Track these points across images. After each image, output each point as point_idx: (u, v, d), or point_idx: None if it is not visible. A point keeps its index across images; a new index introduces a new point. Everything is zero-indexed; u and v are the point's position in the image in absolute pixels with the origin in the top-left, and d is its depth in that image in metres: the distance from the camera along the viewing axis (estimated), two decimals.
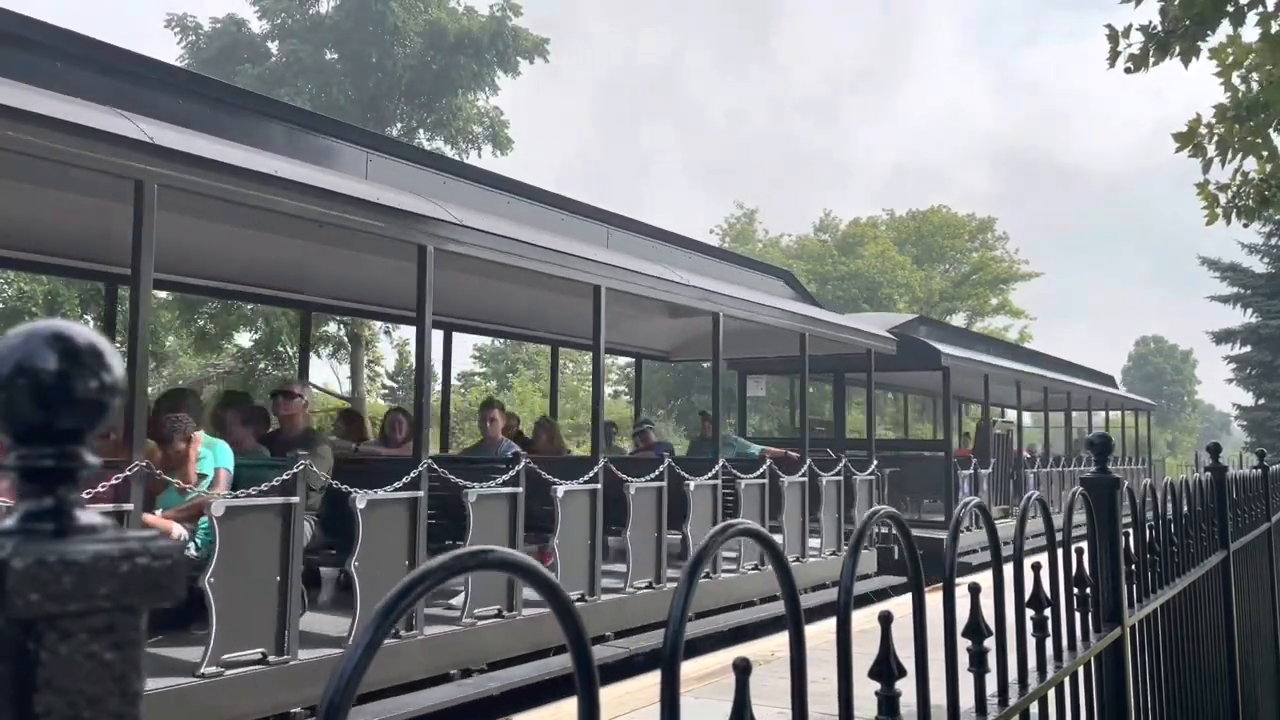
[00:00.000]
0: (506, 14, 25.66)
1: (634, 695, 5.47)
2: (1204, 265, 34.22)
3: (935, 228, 42.27)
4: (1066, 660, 2.05)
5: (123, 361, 0.56)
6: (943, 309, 38.64)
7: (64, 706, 0.49)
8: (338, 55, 25.51)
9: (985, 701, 1.66)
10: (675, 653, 0.99)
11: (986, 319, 41.56)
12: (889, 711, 1.36)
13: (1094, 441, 2.58)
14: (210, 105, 6.03)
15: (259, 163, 5.29)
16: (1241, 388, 34.89)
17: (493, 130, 26.38)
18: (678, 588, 1.01)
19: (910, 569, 1.52)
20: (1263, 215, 6.64)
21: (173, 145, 4.83)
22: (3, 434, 0.53)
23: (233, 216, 6.15)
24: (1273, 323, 32.49)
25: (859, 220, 43.55)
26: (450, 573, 0.73)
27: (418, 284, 6.21)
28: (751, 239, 41.70)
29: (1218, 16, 5.42)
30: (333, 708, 0.66)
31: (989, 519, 1.91)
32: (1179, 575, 3.15)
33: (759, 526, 1.15)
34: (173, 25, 25.23)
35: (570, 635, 0.81)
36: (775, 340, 11.10)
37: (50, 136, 4.34)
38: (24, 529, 0.51)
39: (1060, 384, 20.00)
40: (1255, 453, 5.66)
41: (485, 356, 48.11)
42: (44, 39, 5.23)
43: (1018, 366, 18.04)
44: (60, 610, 0.49)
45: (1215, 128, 5.89)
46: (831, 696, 1.25)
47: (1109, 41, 5.63)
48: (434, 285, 6.23)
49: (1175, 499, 3.22)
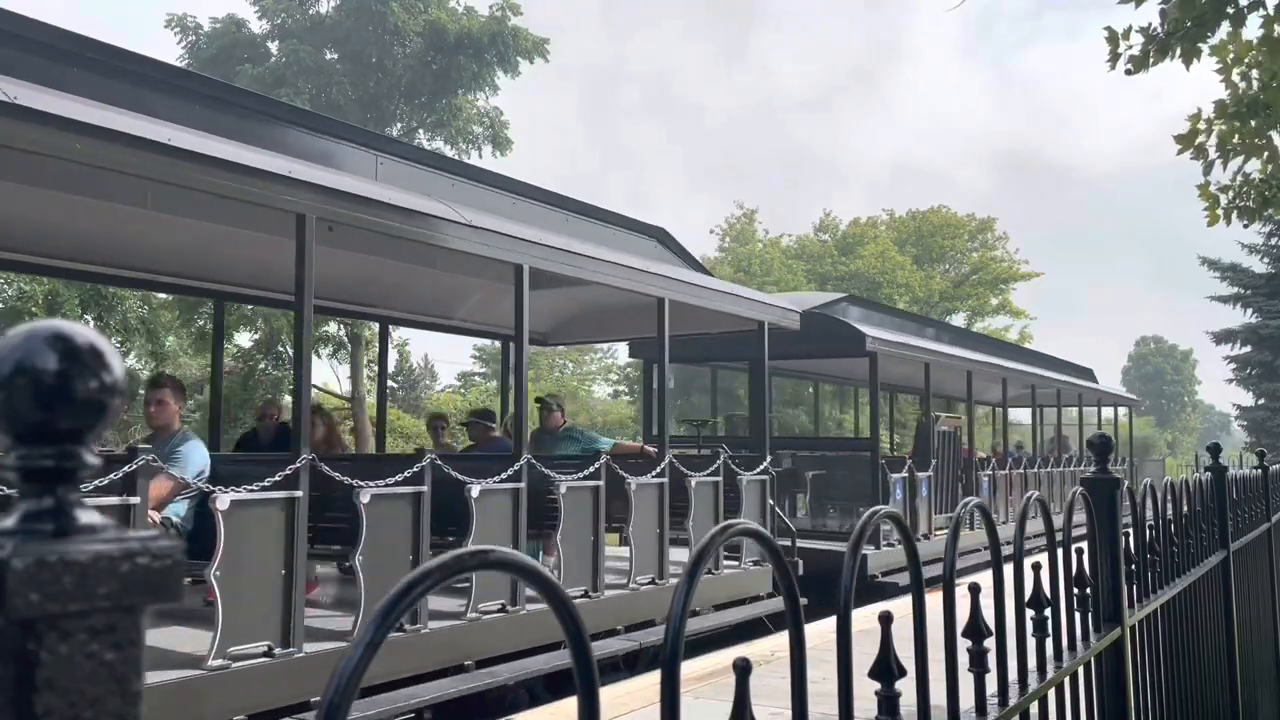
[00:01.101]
0: (506, 14, 25.68)
1: (634, 695, 5.47)
2: (1204, 265, 34.25)
3: (935, 228, 42.28)
4: (1066, 660, 2.05)
5: (123, 362, 0.56)
6: (943, 309, 38.66)
7: (64, 707, 0.49)
8: (338, 55, 25.52)
9: (985, 702, 1.66)
10: (675, 653, 0.99)
11: (987, 319, 41.57)
12: (889, 711, 1.36)
13: (1094, 442, 2.59)
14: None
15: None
16: (1241, 388, 34.93)
17: (492, 130, 26.39)
18: (677, 587, 1.01)
19: (910, 569, 1.52)
20: (1263, 216, 6.64)
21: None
22: (3, 434, 0.53)
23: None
24: (1273, 323, 32.50)
25: (859, 220, 43.56)
26: (450, 572, 0.74)
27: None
28: (752, 239, 41.71)
29: (1218, 18, 5.42)
30: (333, 707, 0.66)
31: (989, 519, 1.90)
32: (1179, 575, 3.15)
33: (759, 527, 1.15)
34: (172, 25, 25.25)
35: (570, 634, 0.81)
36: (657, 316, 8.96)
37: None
38: (24, 529, 0.51)
39: (1023, 375, 17.95)
40: (1255, 453, 5.66)
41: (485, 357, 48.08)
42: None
43: (967, 355, 15.82)
44: (60, 610, 0.49)
45: (1215, 123, 5.89)
46: (831, 696, 1.25)
47: (1108, 44, 5.63)
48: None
49: (1175, 499, 3.22)
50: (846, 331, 12.41)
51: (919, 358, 13.93)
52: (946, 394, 20.56)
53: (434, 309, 10.40)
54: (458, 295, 10.00)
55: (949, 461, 13.99)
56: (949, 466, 13.98)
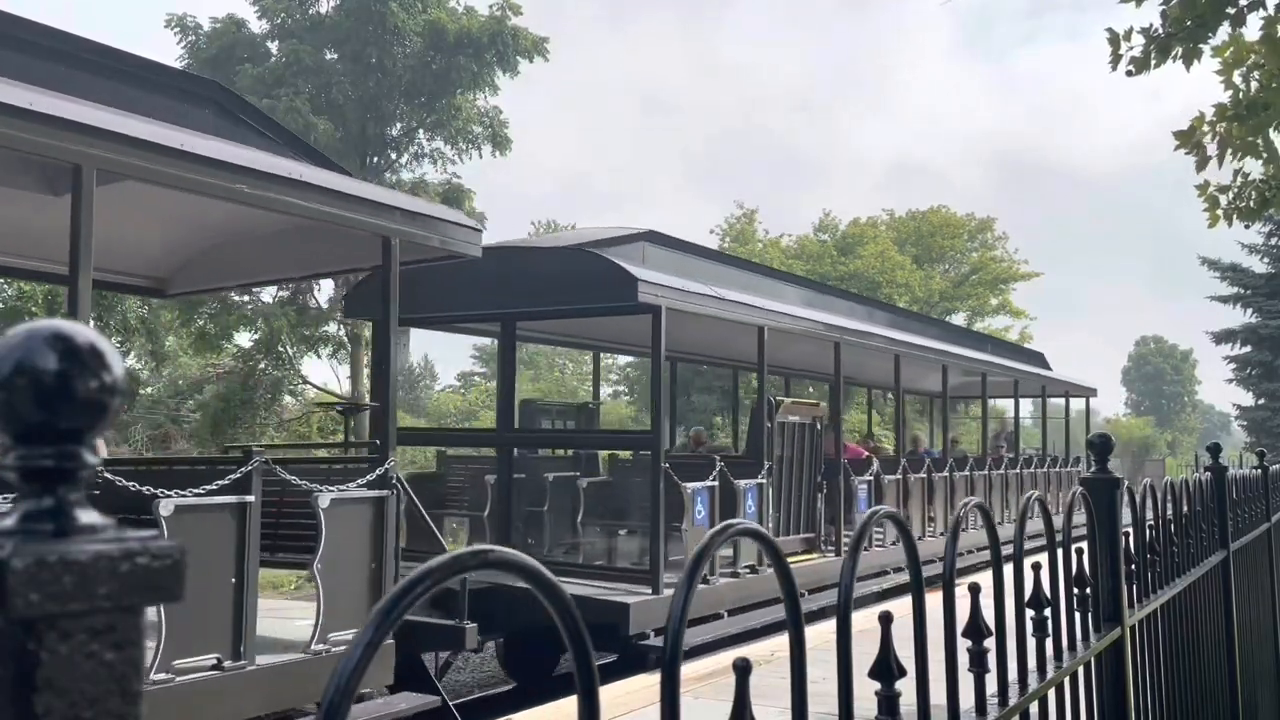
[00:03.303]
0: (506, 13, 25.67)
1: (634, 695, 5.47)
2: (1204, 265, 34.26)
3: (935, 228, 42.26)
4: (1066, 660, 2.05)
5: (123, 361, 0.56)
6: (943, 309, 38.65)
7: (64, 706, 0.49)
8: (338, 55, 25.50)
9: (985, 701, 1.66)
10: (675, 654, 0.99)
11: (987, 319, 41.57)
12: (889, 711, 1.36)
13: (1094, 442, 2.60)
14: None
15: None
16: (1241, 388, 34.93)
17: (492, 131, 26.39)
18: (676, 590, 1.01)
19: (910, 569, 1.52)
20: (1263, 216, 6.64)
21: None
22: (3, 434, 0.53)
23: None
24: (1273, 323, 32.50)
25: (858, 220, 43.54)
26: (450, 572, 0.74)
27: None
28: (752, 239, 41.70)
29: (1218, 18, 5.42)
30: (332, 707, 0.66)
31: (989, 519, 1.90)
32: (1179, 575, 3.15)
33: (759, 527, 1.15)
34: (172, 25, 25.23)
35: (570, 634, 0.81)
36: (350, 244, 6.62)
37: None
38: (24, 529, 0.51)
39: (923, 353, 13.99)
40: (1255, 453, 5.67)
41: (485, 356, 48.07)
42: None
43: (830, 320, 11.92)
44: (60, 610, 0.49)
45: (1216, 125, 5.89)
46: (831, 696, 1.25)
47: (1110, 45, 5.63)
48: None
49: (1175, 499, 3.22)
50: (613, 275, 8.41)
51: (750, 320, 9.96)
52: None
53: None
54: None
55: (802, 464, 10.63)
56: (801, 471, 10.60)
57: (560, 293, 9.07)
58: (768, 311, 10.35)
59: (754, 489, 9.50)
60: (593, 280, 8.75)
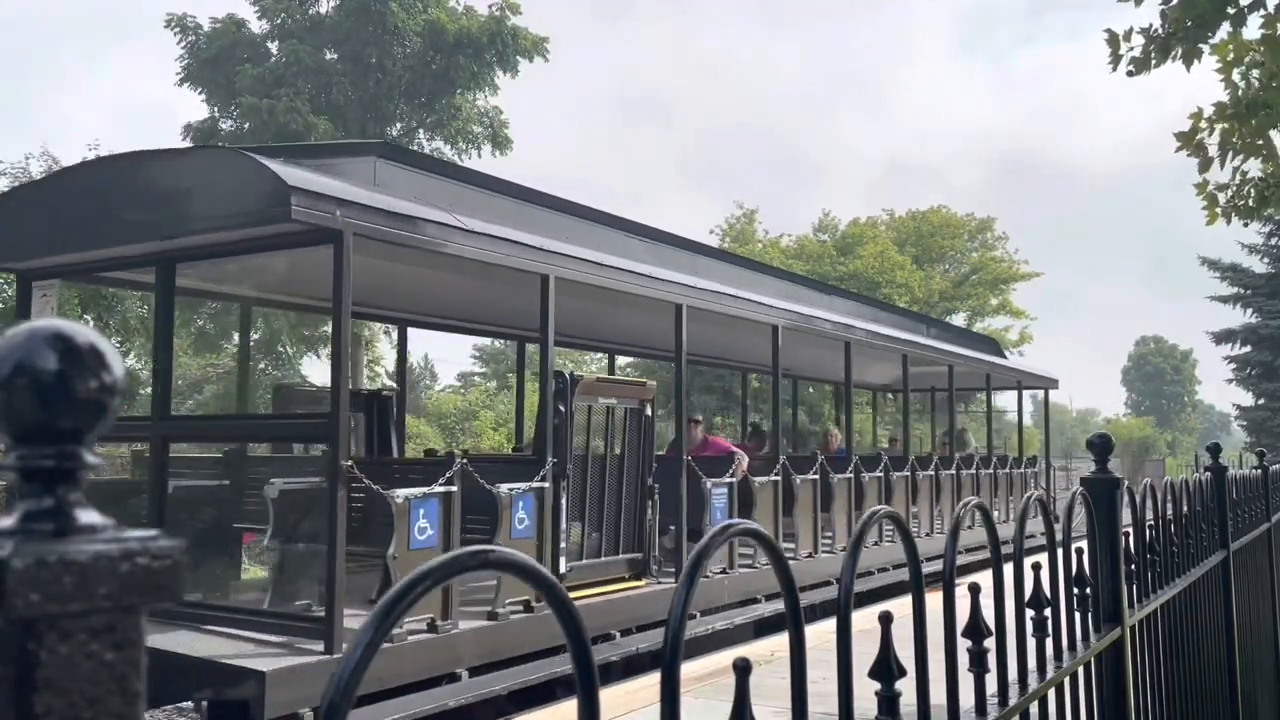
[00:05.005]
0: (505, 13, 25.68)
1: (634, 695, 5.47)
2: (1204, 265, 34.27)
3: (934, 228, 42.24)
4: (1066, 660, 2.05)
5: (123, 361, 0.56)
6: (942, 309, 38.63)
7: (64, 707, 0.49)
8: (338, 55, 25.51)
9: (985, 701, 1.66)
10: (675, 654, 0.99)
11: (987, 319, 41.54)
12: (889, 711, 1.36)
13: (1094, 442, 2.60)
14: None
15: None
16: (1241, 388, 34.93)
17: (492, 130, 26.40)
18: (676, 590, 1.01)
19: (911, 569, 1.52)
20: (1262, 215, 6.64)
21: None
22: (3, 434, 0.53)
23: None
24: (1273, 323, 32.50)
25: (858, 220, 43.53)
26: (450, 572, 0.74)
27: None
28: (752, 239, 41.69)
29: (1218, 18, 5.42)
30: (333, 707, 0.66)
31: (989, 519, 1.90)
32: (1179, 575, 3.15)
33: (759, 527, 1.15)
34: (172, 25, 25.23)
35: (570, 635, 0.81)
36: None
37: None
38: (24, 529, 0.51)
39: (823, 327, 11.44)
40: (1255, 453, 5.66)
41: (485, 357, 48.06)
42: None
43: (673, 277, 8.90)
44: (60, 610, 0.49)
45: (1216, 123, 5.89)
46: (831, 696, 1.25)
47: (1110, 45, 5.63)
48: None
49: (1175, 499, 3.22)
50: (254, 182, 5.70)
51: (533, 268, 7.28)
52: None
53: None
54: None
55: (622, 463, 8.19)
56: (621, 472, 8.15)
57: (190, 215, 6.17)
58: (555, 254, 7.46)
59: (528, 497, 7.00)
60: (234, 193, 5.91)
